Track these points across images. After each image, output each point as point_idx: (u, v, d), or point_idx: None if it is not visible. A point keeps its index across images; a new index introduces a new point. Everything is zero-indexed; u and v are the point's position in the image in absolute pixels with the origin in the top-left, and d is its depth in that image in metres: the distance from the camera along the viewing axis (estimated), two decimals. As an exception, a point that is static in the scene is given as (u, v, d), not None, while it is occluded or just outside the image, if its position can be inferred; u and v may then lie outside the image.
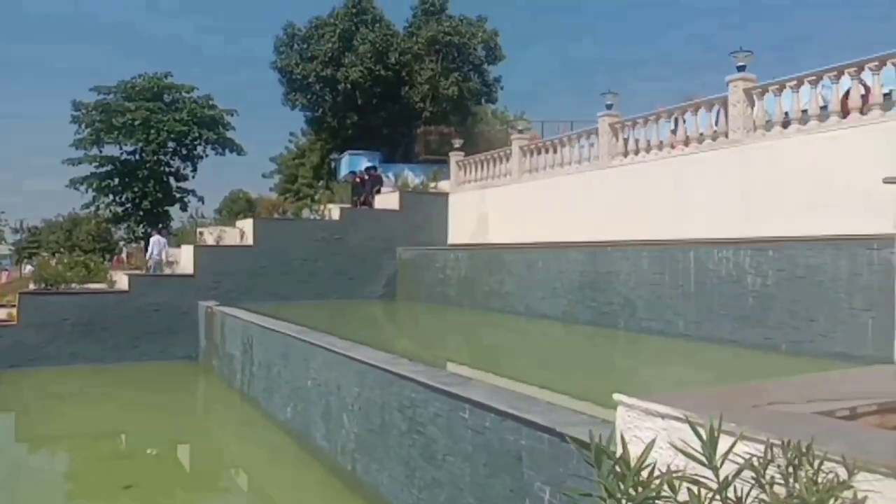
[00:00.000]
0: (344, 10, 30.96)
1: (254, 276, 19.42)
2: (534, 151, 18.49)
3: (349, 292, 19.97)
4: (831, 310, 9.34)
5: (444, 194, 21.64)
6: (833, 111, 11.00)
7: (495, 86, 32.86)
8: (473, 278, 17.59)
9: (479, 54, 31.58)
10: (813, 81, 11.29)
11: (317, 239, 20.02)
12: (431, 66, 29.79)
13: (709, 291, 11.16)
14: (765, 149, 11.87)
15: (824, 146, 10.85)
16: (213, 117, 34.30)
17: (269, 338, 12.93)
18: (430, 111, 29.65)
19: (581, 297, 14.03)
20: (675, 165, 13.80)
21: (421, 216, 20.92)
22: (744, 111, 12.19)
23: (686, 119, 13.89)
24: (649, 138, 14.77)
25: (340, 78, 29.66)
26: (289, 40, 31.61)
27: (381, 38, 29.77)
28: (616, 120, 15.60)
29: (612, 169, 15.51)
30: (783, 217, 10.97)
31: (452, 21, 30.93)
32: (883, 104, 10.45)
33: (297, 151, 40.31)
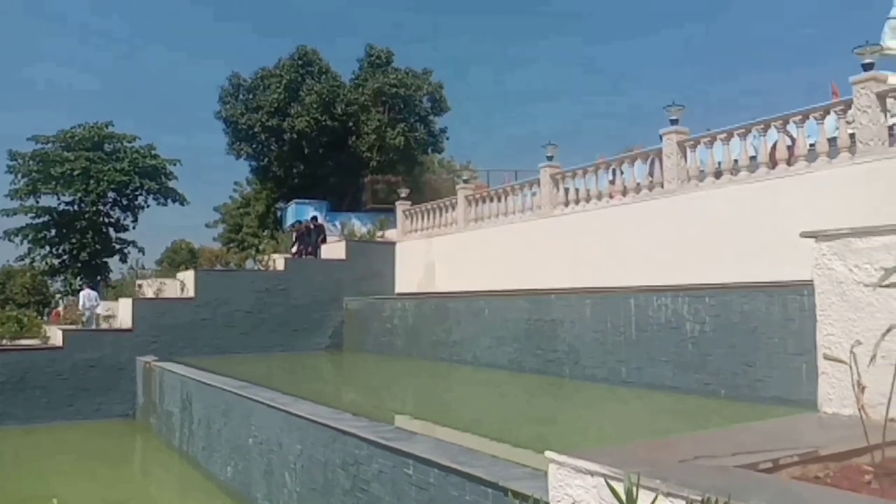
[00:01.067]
0: (290, 61, 31.21)
1: (194, 329, 18.94)
2: (479, 201, 18.73)
3: (294, 344, 19.63)
4: (766, 355, 9.58)
5: (391, 243, 21.66)
6: (762, 162, 11.49)
7: (441, 136, 33.40)
8: (420, 328, 17.52)
9: (424, 106, 32.12)
10: (742, 134, 11.80)
11: (260, 290, 19.71)
12: (378, 117, 30.13)
13: (649, 338, 11.35)
14: (698, 198, 12.28)
15: (754, 196, 11.30)
16: (155, 167, 33.80)
17: (208, 393, 12.56)
18: (377, 160, 29.87)
19: (527, 346, 14.08)
20: (614, 214, 14.15)
21: (368, 265, 20.84)
22: (677, 162, 12.64)
23: (623, 170, 14.30)
24: (589, 188, 15.14)
25: (286, 128, 29.72)
26: (234, 91, 31.63)
27: (327, 90, 30.03)
28: (557, 171, 15.95)
29: (554, 218, 15.80)
30: (718, 264, 11.30)
31: (398, 73, 31.46)
32: (808, 156, 10.98)
33: (241, 201, 39.97)
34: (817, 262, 3.64)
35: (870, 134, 9.88)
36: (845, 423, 3.37)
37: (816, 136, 11.00)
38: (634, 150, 15.05)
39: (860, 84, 10.02)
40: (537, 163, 16.43)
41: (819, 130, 10.83)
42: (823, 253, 3.59)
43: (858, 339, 3.34)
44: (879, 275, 3.07)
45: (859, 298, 3.39)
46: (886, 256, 3.28)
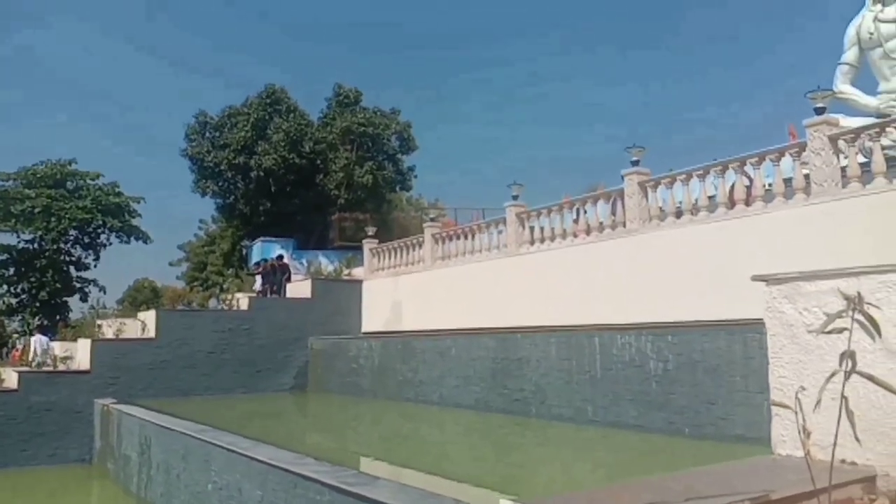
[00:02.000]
0: (258, 99, 31.28)
1: (155, 370, 18.51)
2: (445, 239, 18.79)
3: (257, 385, 19.28)
4: (728, 393, 9.66)
5: (357, 281, 21.54)
6: (720, 202, 11.74)
7: (409, 174, 33.61)
8: (387, 367, 17.35)
9: (392, 144, 32.35)
10: (701, 175, 12.07)
11: (223, 330, 19.39)
12: (346, 155, 30.23)
13: (614, 377, 11.38)
14: (660, 238, 12.48)
15: (714, 235, 11.52)
16: (118, 204, 33.36)
17: (167, 437, 12.22)
18: (345, 198, 29.89)
19: (493, 385, 14.01)
20: (578, 253, 14.29)
21: (334, 304, 20.67)
22: (639, 202, 12.86)
23: (587, 209, 14.50)
24: (554, 227, 15.30)
25: (253, 165, 29.65)
26: (200, 128, 31.53)
27: (295, 128, 30.11)
28: (522, 210, 16.11)
29: (519, 256, 15.89)
30: (680, 302, 11.45)
31: (367, 112, 31.70)
32: (765, 196, 11.25)
33: (206, 239, 39.58)
34: (768, 305, 3.71)
35: (824, 175, 10.17)
36: (798, 466, 3.39)
37: (774, 177, 11.29)
38: (598, 188, 15.29)
39: (813, 127, 10.36)
40: (506, 200, 16.58)
41: (775, 172, 11.12)
42: (774, 296, 3.66)
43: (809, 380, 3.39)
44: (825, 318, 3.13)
45: (809, 341, 3.44)
46: (833, 300, 3.34)
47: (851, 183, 9.99)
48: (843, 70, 15.05)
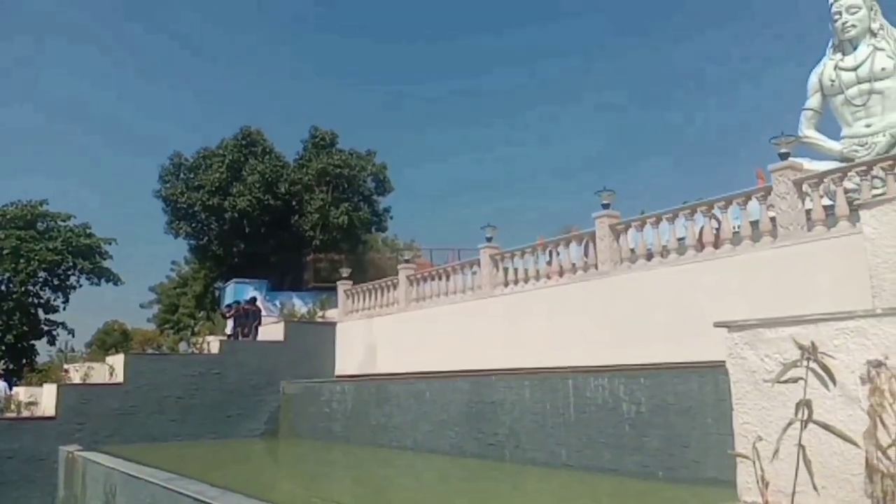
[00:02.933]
0: (233, 141, 31.27)
1: (122, 415, 18.08)
2: (420, 280, 18.76)
3: (227, 431, 18.87)
4: (701, 435, 9.66)
5: (331, 323, 21.35)
6: (690, 245, 11.89)
7: (385, 215, 33.63)
8: (360, 412, 17.11)
9: (368, 186, 32.43)
10: (670, 218, 12.24)
11: (193, 374, 19.03)
12: (322, 197, 30.21)
13: (587, 420, 11.33)
14: (631, 280, 12.58)
15: (684, 277, 11.64)
16: (89, 246, 32.91)
17: (134, 486, 11.87)
18: (320, 239, 29.78)
19: (468, 429, 13.87)
20: (552, 295, 14.33)
21: (307, 347, 20.44)
22: (610, 245, 12.99)
23: (560, 251, 14.60)
24: (527, 268, 15.37)
25: (228, 207, 29.48)
26: (175, 169, 31.39)
27: (270, 169, 30.09)
28: (496, 251, 16.17)
29: (494, 298, 15.90)
30: (652, 344, 11.49)
31: (342, 154, 31.80)
32: (732, 239, 11.43)
33: (178, 280, 39.11)
34: (731, 351, 3.73)
35: (789, 219, 10.37)
36: (764, 514, 3.37)
37: (741, 220, 11.49)
38: (572, 230, 15.45)
39: (778, 172, 10.59)
40: (484, 241, 16.62)
41: (742, 215, 11.32)
42: (736, 342, 3.68)
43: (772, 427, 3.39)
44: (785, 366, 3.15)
45: (771, 388, 3.46)
46: (793, 347, 3.37)
47: (816, 226, 10.20)
48: (808, 115, 15.47)
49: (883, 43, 14.43)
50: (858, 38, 14.63)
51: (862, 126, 14.36)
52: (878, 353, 3.04)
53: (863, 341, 3.14)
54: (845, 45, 14.80)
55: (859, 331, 3.14)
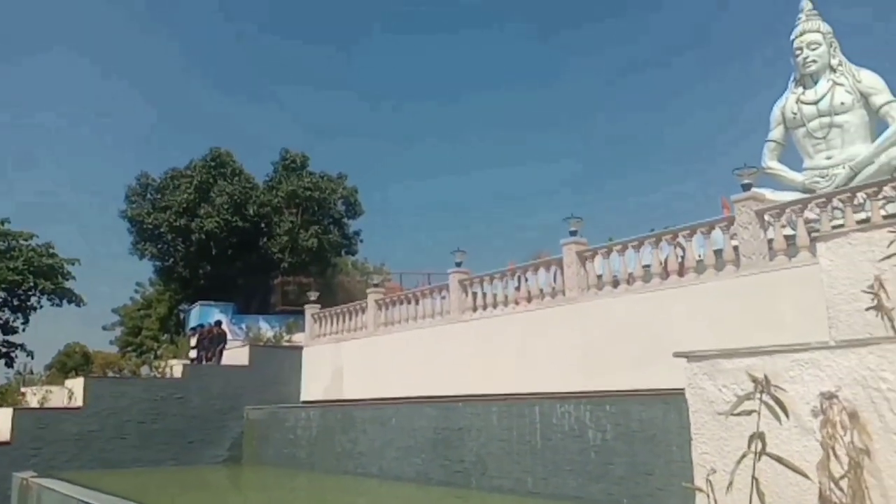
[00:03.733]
0: (202, 162, 31.04)
1: (81, 441, 17.58)
2: (389, 305, 18.65)
3: (189, 457, 18.44)
4: (665, 463, 9.67)
5: (298, 348, 21.10)
6: (655, 273, 12.01)
7: (355, 238, 33.54)
8: (326, 438, 16.85)
9: (339, 209, 32.35)
10: (636, 246, 12.36)
11: (155, 398, 18.62)
12: (291, 219, 30.05)
13: (554, 447, 11.29)
14: (598, 306, 12.65)
15: (650, 305, 11.73)
16: (51, 266, 32.19)
17: (88, 515, 11.51)
18: (288, 262, 29.54)
19: (434, 456, 13.73)
20: (520, 321, 14.34)
21: (272, 371, 20.14)
22: (577, 272, 13.07)
23: (528, 277, 14.64)
24: (496, 294, 15.37)
25: (195, 228, 29.16)
26: (142, 190, 31.02)
27: (239, 191, 29.89)
28: (465, 276, 16.17)
29: (462, 323, 15.86)
30: (618, 371, 11.53)
31: (313, 177, 31.73)
32: (697, 267, 11.57)
33: (142, 302, 38.42)
34: (690, 381, 3.74)
35: (751, 248, 10.54)
36: (722, 546, 3.36)
37: (705, 249, 11.63)
38: (541, 256, 15.51)
39: (740, 203, 10.78)
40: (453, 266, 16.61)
41: (706, 244, 11.47)
42: (695, 373, 3.70)
43: (730, 457, 3.39)
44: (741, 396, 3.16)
45: (726, 419, 3.46)
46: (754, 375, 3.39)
47: (778, 256, 10.37)
48: (771, 147, 15.81)
49: (842, 78, 14.84)
50: (819, 73, 15.03)
51: (823, 158, 14.70)
52: (831, 384, 3.07)
53: (817, 373, 3.16)
54: (806, 79, 15.20)
55: (814, 362, 3.17)
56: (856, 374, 3.02)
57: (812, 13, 15.40)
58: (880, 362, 2.94)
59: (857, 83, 14.67)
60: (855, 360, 3.03)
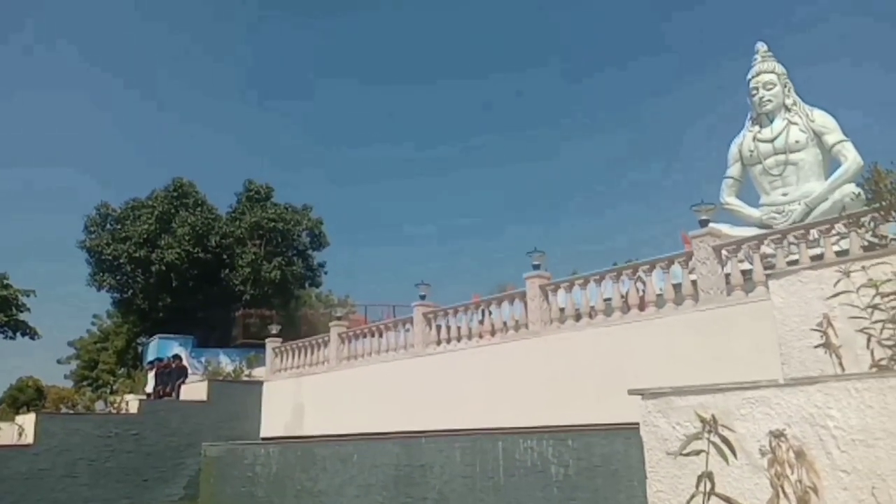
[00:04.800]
0: (164, 192, 30.65)
1: (30, 480, 16.91)
2: (352, 338, 18.46)
3: (144, 496, 17.85)
4: (626, 498, 9.62)
5: (258, 382, 20.71)
6: (616, 307, 12.09)
7: (319, 270, 33.26)
8: (285, 476, 16.45)
9: (303, 241, 32.10)
10: (598, 280, 12.46)
11: (109, 435, 18.05)
12: (254, 251, 29.71)
13: (517, 483, 11.17)
14: (561, 340, 12.67)
15: (612, 338, 11.79)
16: (5, 297, 31.27)
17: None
18: (251, 294, 29.11)
19: (396, 494, 13.48)
20: (484, 354, 14.29)
21: (232, 407, 19.71)
22: (540, 305, 13.10)
23: (492, 310, 14.63)
24: (460, 327, 15.32)
25: (155, 259, 28.65)
26: (101, 220, 30.45)
27: (201, 222, 29.51)
28: (429, 309, 16.10)
29: (426, 357, 15.75)
30: (581, 405, 11.51)
31: (278, 208, 31.50)
32: (657, 301, 11.67)
33: (99, 335, 37.46)
34: (644, 418, 3.72)
35: (709, 283, 10.68)
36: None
37: (664, 284, 11.76)
38: (507, 289, 15.53)
39: (698, 238, 10.95)
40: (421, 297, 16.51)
41: (666, 279, 11.60)
42: (649, 410, 3.69)
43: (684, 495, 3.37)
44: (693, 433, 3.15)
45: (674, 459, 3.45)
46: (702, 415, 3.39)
47: (735, 291, 10.52)
48: (728, 183, 16.13)
49: (796, 118, 15.27)
50: (774, 112, 15.45)
51: (779, 195, 15.03)
52: (781, 422, 3.08)
53: (767, 411, 3.18)
54: (762, 118, 15.60)
55: (764, 400, 3.18)
56: (804, 412, 3.04)
57: (767, 55, 15.87)
58: (827, 400, 2.96)
59: (811, 122, 15.10)
60: (803, 398, 3.05)
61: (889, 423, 2.77)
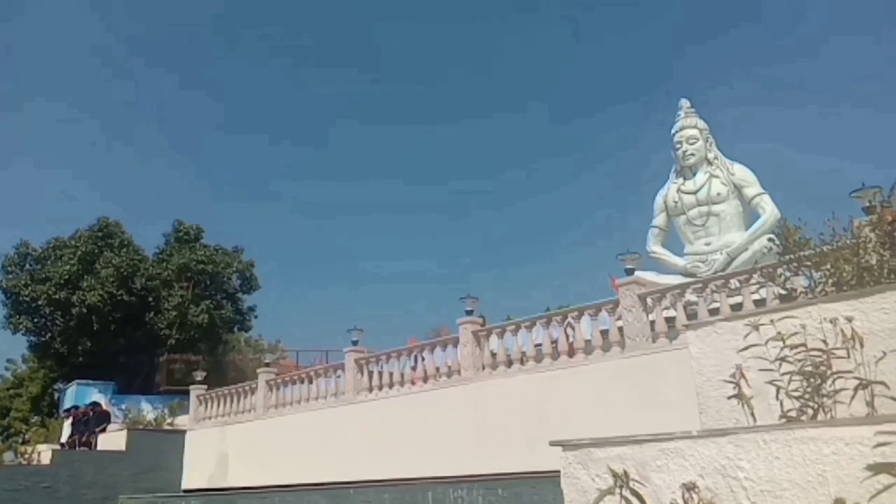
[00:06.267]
0: (88, 232, 29.65)
1: (-75, 540, 15.72)
2: (281, 385, 17.98)
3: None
4: (556, 548, 9.56)
5: (180, 431, 19.88)
6: (546, 353, 12.19)
7: (249, 314, 32.56)
8: (207, 529, 15.79)
9: (233, 283, 31.43)
10: (528, 326, 12.56)
11: (18, 488, 16.96)
12: (181, 293, 28.89)
13: (446, 534, 10.99)
14: (493, 386, 12.65)
15: (542, 385, 11.84)
16: None
17: None
18: (176, 338, 28.21)
19: (322, 547, 13.07)
20: (416, 401, 14.12)
21: (152, 457, 18.83)
22: (472, 351, 13.09)
23: (425, 356, 14.53)
24: (392, 372, 15.13)
25: (76, 301, 27.52)
26: (20, 260, 29.13)
27: (127, 263, 28.60)
28: (361, 355, 15.86)
29: (357, 405, 15.45)
30: (511, 452, 11.45)
31: (207, 250, 30.85)
32: (585, 348, 11.83)
33: (13, 380, 35.47)
34: (564, 470, 3.73)
35: (635, 331, 10.91)
36: None
37: (592, 331, 11.95)
38: (442, 333, 15.46)
39: (624, 286, 11.21)
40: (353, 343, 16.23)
41: (593, 326, 11.79)
42: (569, 461, 3.69)
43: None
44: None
45: (594, 511, 3.46)
46: (619, 467, 3.41)
47: (660, 338, 10.77)
48: (654, 233, 16.65)
49: (718, 171, 15.95)
50: (697, 165, 16.10)
51: (702, 244, 15.59)
52: (694, 473, 3.13)
53: (682, 462, 3.22)
54: (686, 170, 16.23)
55: (678, 451, 3.23)
56: (716, 463, 3.10)
57: (690, 111, 16.60)
58: (737, 451, 3.02)
59: (731, 176, 15.79)
60: (715, 449, 3.11)
61: (794, 473, 2.85)
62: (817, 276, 5.35)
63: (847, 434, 2.75)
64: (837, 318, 3.83)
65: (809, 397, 3.69)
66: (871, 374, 3.63)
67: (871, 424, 2.70)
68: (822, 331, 3.89)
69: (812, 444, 2.83)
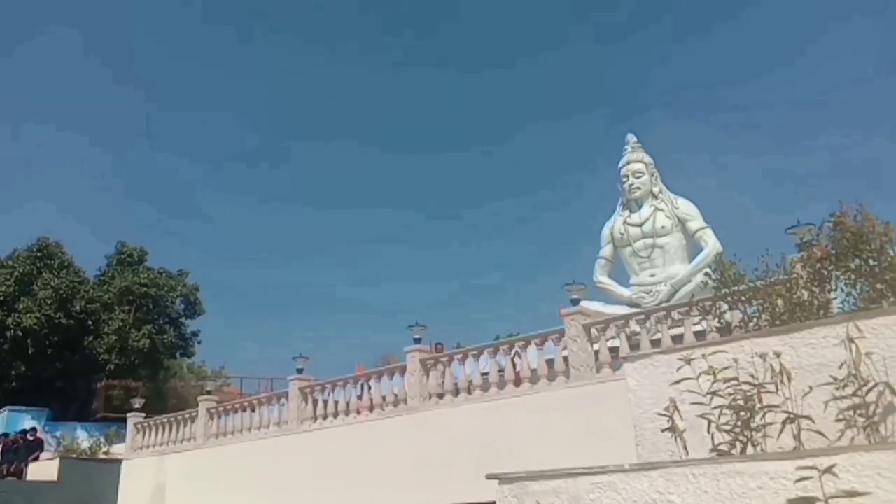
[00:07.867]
0: (27, 252, 28.66)
1: None
2: (222, 413, 17.54)
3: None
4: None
5: (116, 461, 19.16)
6: (493, 382, 12.19)
7: (193, 339, 31.76)
8: (140, 564, 15.18)
9: (177, 308, 30.68)
10: (475, 355, 12.56)
11: (-65, 524, 16.10)
12: (122, 317, 28.04)
13: (388, 567, 10.80)
14: (439, 416, 12.57)
15: (488, 414, 11.81)
16: None
17: None
18: (115, 363, 27.29)
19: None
20: (361, 431, 13.93)
21: (85, 488, 18.03)
22: (420, 380, 13.01)
23: (372, 385, 14.38)
24: (337, 401, 14.91)
25: (11, 324, 26.47)
26: (-49, 281, 27.93)
27: (66, 285, 27.66)
28: (306, 384, 15.60)
29: (301, 434, 15.16)
30: (454, 483, 11.34)
31: (151, 273, 30.09)
32: (531, 377, 11.87)
33: (-61, 408, 33.79)
34: (500, 503, 3.71)
35: (580, 361, 11.01)
36: None
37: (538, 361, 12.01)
38: (391, 361, 15.32)
39: (570, 317, 11.33)
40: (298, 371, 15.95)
41: (539, 356, 11.86)
42: (505, 495, 3.69)
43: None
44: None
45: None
46: (556, 500, 3.42)
47: (604, 368, 10.89)
48: (601, 263, 16.92)
49: (662, 204, 16.35)
50: (643, 198, 16.48)
51: (647, 275, 15.90)
52: (626, 508, 3.15)
53: (614, 495, 3.25)
54: (632, 203, 16.60)
55: (611, 485, 3.25)
56: (647, 496, 3.13)
57: (637, 145, 17.02)
58: (668, 485, 3.06)
59: (676, 209, 16.20)
60: (647, 482, 3.14)
61: (722, 507, 2.89)
62: (751, 310, 5.49)
63: (771, 468, 2.81)
64: (767, 352, 3.93)
65: (740, 431, 3.76)
66: (799, 408, 3.73)
67: (793, 459, 2.77)
68: (754, 365, 3.98)
69: (739, 479, 2.88)
